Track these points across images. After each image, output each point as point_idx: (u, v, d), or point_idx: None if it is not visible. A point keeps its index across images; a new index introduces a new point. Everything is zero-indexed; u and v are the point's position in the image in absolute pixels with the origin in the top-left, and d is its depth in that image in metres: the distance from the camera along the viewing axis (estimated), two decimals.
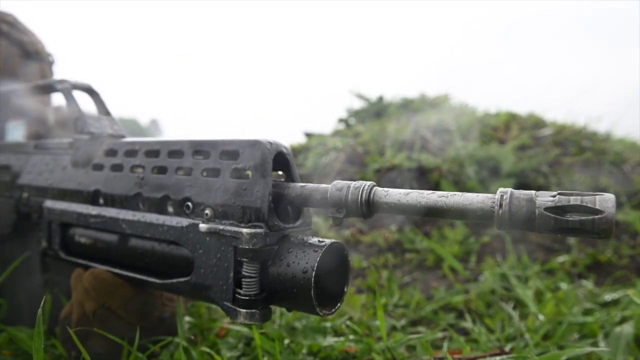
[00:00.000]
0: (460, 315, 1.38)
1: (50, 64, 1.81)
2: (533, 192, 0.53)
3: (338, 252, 0.69)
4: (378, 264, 1.81)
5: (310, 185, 0.70)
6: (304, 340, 1.01)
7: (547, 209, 0.50)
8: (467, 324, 1.27)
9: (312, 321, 1.12)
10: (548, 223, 0.50)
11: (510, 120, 3.09)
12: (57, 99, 1.88)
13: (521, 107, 3.31)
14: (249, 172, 0.69)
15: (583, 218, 0.48)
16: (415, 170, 2.40)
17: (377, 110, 3.85)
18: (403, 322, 1.30)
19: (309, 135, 3.49)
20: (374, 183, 0.65)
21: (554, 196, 0.51)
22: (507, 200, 0.53)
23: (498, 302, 1.39)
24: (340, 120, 3.87)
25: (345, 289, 0.71)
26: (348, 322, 1.08)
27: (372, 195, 0.64)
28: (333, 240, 0.68)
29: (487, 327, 1.27)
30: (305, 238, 0.68)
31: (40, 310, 0.64)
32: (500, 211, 0.53)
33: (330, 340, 0.98)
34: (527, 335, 1.14)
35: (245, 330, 1.01)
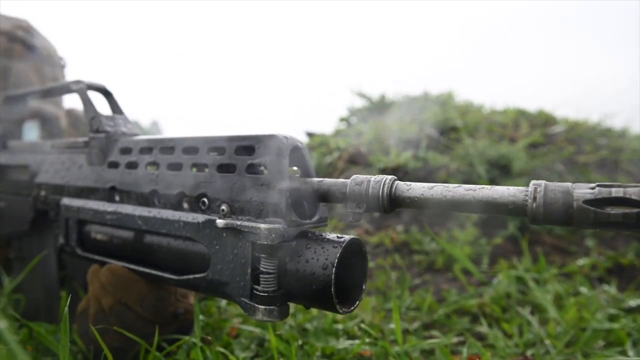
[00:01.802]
0: (474, 319, 1.38)
1: (62, 67, 1.91)
2: (569, 184, 0.53)
3: (357, 248, 0.69)
4: (386, 266, 1.81)
5: (328, 180, 0.70)
6: (316, 342, 1.01)
7: (586, 201, 0.50)
8: (483, 328, 1.27)
9: (323, 323, 1.12)
10: (587, 217, 0.50)
11: (519, 117, 3.09)
12: (69, 100, 1.92)
13: (529, 104, 3.32)
14: (265, 168, 0.70)
15: (626, 211, 0.48)
16: (421, 170, 2.40)
17: (379, 109, 3.86)
18: (415, 325, 1.30)
19: (310, 135, 3.49)
20: (395, 177, 0.65)
21: (593, 188, 0.50)
22: (542, 192, 0.53)
23: (514, 306, 1.39)
24: (342, 120, 3.87)
25: (364, 287, 0.71)
26: (361, 325, 1.07)
27: (393, 189, 0.64)
28: (352, 237, 0.68)
29: (504, 332, 1.27)
30: (323, 234, 0.69)
31: (66, 308, 0.65)
32: (534, 204, 0.53)
33: (344, 343, 0.98)
34: (547, 342, 1.14)
35: (257, 330, 1.01)
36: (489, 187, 0.58)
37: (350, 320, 1.22)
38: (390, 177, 0.64)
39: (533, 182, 0.55)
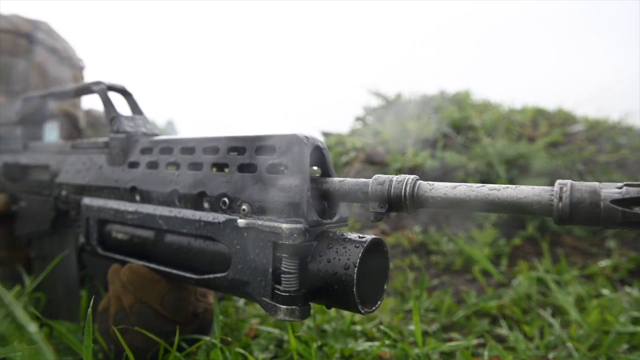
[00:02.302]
0: (494, 321, 1.37)
1: (81, 68, 1.94)
2: (596, 183, 0.52)
3: (379, 248, 0.69)
4: (403, 266, 1.80)
5: (349, 180, 0.70)
6: (335, 343, 1.01)
7: (614, 201, 0.49)
8: (503, 330, 1.26)
9: (342, 324, 1.12)
10: (614, 217, 0.50)
11: (538, 116, 3.07)
12: (88, 101, 1.96)
13: (547, 102, 3.28)
14: (286, 167, 0.70)
15: None
16: (438, 169, 2.39)
17: (395, 108, 3.85)
18: (434, 327, 1.30)
19: (326, 134, 3.49)
20: (417, 177, 0.65)
21: (621, 187, 0.50)
22: (568, 192, 0.53)
23: (535, 308, 1.38)
24: (358, 119, 3.86)
25: (385, 287, 0.71)
26: (380, 326, 1.07)
27: (416, 189, 0.64)
28: (374, 236, 0.68)
29: (525, 334, 1.26)
30: (345, 234, 0.69)
31: (89, 309, 0.66)
32: (560, 204, 0.53)
33: (364, 344, 0.98)
34: (570, 345, 1.12)
35: (276, 331, 1.02)
36: (513, 186, 0.58)
37: (369, 321, 1.22)
38: (412, 176, 0.64)
39: (559, 181, 0.55)
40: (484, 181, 2.22)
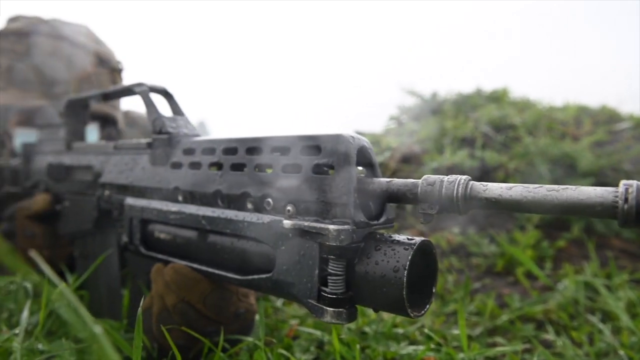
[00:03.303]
0: (539, 326, 1.34)
1: (120, 70, 1.98)
2: None
3: (427, 250, 0.68)
4: (442, 269, 1.77)
5: (397, 180, 0.69)
6: (377, 346, 1.00)
7: None
8: (549, 336, 1.23)
9: (382, 327, 1.11)
10: None
11: (581, 113, 2.98)
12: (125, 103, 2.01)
13: (590, 99, 3.19)
14: (331, 168, 0.69)
15: None
16: (477, 169, 2.35)
17: (431, 107, 3.80)
18: (478, 331, 1.27)
19: (360, 134, 3.47)
20: (469, 177, 0.64)
21: None
22: (634, 193, 0.51)
23: (583, 314, 1.34)
24: (392, 118, 3.83)
25: (434, 290, 0.70)
26: (423, 330, 1.06)
27: (469, 189, 0.62)
28: (423, 238, 0.67)
29: (573, 340, 1.23)
30: (392, 235, 0.68)
31: (140, 309, 0.67)
32: (626, 206, 0.51)
33: (407, 348, 0.97)
34: (622, 352, 1.08)
35: (318, 333, 1.01)
36: (572, 187, 0.56)
37: (410, 324, 1.20)
38: (464, 177, 0.63)
39: (623, 182, 0.53)
40: (526, 181, 2.16)
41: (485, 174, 2.32)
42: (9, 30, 1.82)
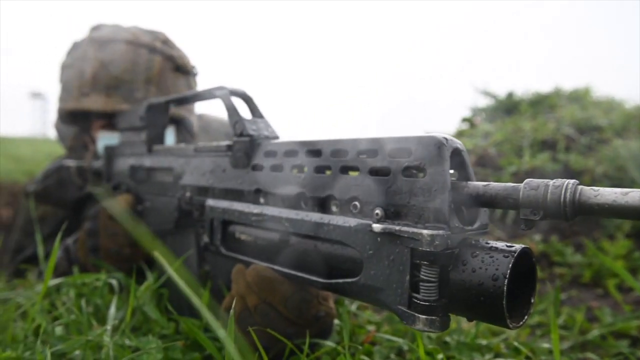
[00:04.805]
0: (634, 343, 1.25)
1: (195, 75, 2.05)
2: None
3: (527, 258, 0.65)
4: None
5: (495, 184, 0.66)
6: (460, 357, 0.97)
7: None
8: None
9: (464, 337, 1.07)
10: None
11: None
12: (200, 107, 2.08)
13: None
14: (423, 170, 0.67)
15: None
16: (560, 173, 2.24)
17: (506, 108, 3.67)
18: (566, 345, 1.20)
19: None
20: (577, 181, 0.60)
21: None
22: None
23: None
24: (464, 120, 3.74)
25: (532, 300, 0.66)
26: (514, 343, 1.01)
27: (577, 194, 0.59)
28: (523, 246, 0.63)
29: None
30: (489, 242, 0.65)
31: (232, 310, 0.68)
32: None
33: None
34: None
35: (400, 340, 0.99)
36: None
37: (494, 336, 1.16)
38: (572, 181, 0.59)
39: None
40: (615, 187, 2.04)
41: (569, 179, 2.21)
42: (92, 39, 1.92)
